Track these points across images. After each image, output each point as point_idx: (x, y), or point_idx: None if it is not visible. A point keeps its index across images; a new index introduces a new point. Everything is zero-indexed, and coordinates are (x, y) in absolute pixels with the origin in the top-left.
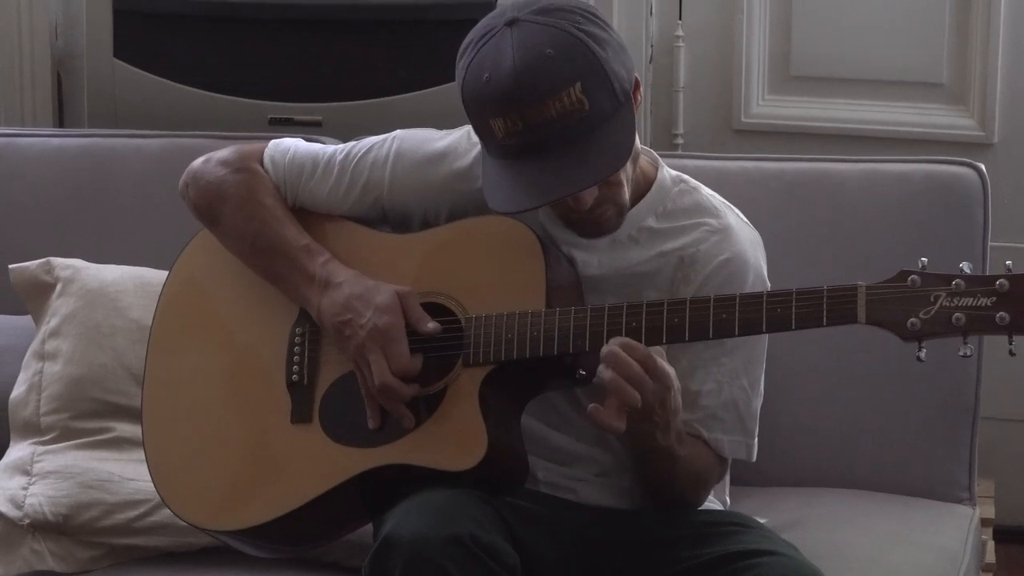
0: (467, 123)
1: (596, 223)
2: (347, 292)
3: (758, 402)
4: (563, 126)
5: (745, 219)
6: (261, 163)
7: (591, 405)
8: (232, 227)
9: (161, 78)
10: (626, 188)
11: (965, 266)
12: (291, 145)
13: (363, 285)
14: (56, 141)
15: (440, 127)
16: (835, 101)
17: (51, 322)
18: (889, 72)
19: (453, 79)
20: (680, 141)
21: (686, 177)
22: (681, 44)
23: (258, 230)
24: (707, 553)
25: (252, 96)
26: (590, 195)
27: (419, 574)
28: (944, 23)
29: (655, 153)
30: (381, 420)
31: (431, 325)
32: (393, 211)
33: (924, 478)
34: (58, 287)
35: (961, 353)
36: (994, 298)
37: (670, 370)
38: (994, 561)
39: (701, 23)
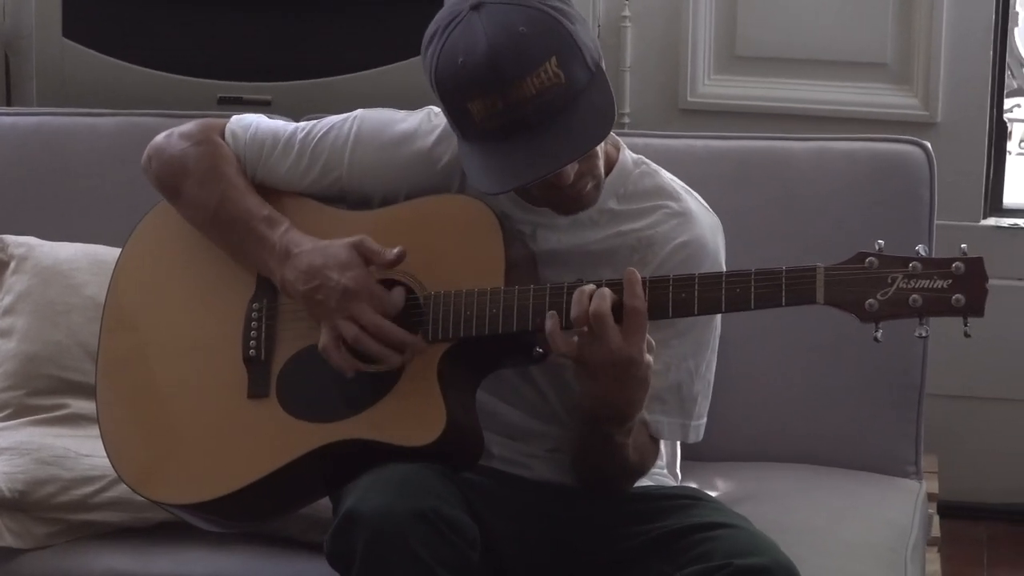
0: (426, 104)
1: (576, 198)
2: (308, 261)
3: (701, 385)
4: (543, 102)
5: (706, 204)
6: (223, 136)
7: (549, 311)
8: (194, 199)
9: (110, 57)
10: (601, 160)
11: (921, 248)
12: (253, 121)
13: (323, 251)
14: (8, 120)
15: (389, 106)
16: (780, 81)
17: (5, 299)
18: (834, 52)
19: (403, 58)
20: (627, 120)
21: (647, 160)
22: (628, 24)
23: (220, 201)
24: (660, 527)
25: (201, 75)
26: (572, 169)
27: (382, 548)
28: (888, 4)
29: (616, 136)
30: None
31: (396, 250)
32: (352, 191)
33: (872, 453)
34: (12, 264)
35: (917, 334)
36: (950, 280)
37: (648, 360)
38: (939, 535)
39: (648, 3)
